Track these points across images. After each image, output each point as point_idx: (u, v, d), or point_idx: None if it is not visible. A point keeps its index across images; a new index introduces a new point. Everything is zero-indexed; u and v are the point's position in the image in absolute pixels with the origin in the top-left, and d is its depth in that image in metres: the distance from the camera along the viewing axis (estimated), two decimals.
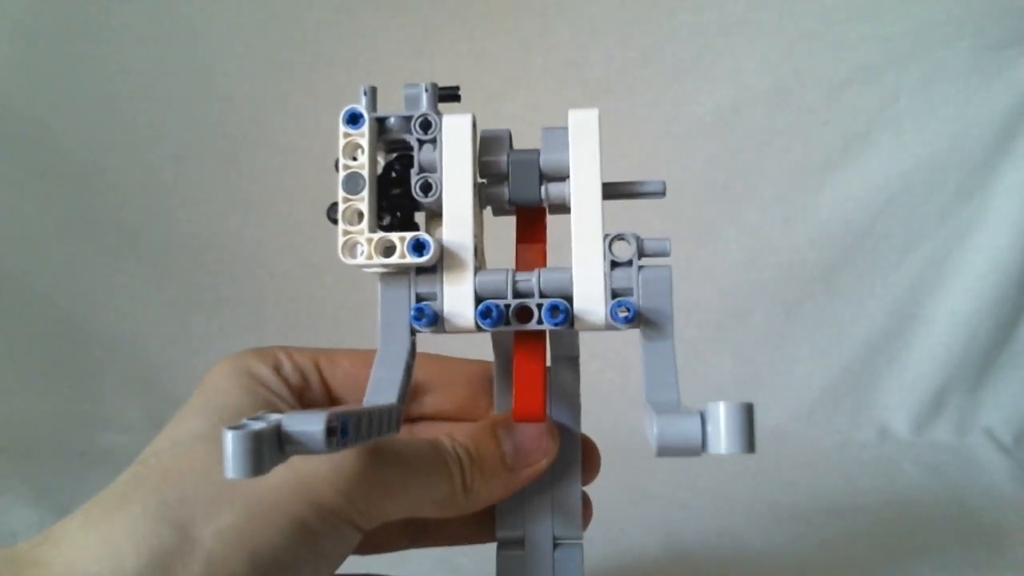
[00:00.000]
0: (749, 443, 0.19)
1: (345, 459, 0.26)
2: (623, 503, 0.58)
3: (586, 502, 0.34)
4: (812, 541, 0.54)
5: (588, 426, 0.34)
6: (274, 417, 0.20)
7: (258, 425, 0.19)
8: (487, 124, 0.31)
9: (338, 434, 0.21)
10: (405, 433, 0.34)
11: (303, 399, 0.32)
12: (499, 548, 0.33)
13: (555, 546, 0.33)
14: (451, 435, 0.30)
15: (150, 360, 0.78)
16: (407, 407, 0.34)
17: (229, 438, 0.19)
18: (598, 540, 0.35)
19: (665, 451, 0.20)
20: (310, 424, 0.20)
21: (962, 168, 0.76)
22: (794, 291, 0.79)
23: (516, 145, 0.31)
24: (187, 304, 0.79)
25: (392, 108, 0.30)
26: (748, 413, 0.19)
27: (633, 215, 0.78)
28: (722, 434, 0.19)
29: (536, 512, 0.33)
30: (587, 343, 0.33)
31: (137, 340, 0.78)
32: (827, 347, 0.79)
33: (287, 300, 0.79)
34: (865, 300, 0.78)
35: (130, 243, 0.78)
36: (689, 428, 0.20)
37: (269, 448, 0.19)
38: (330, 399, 0.33)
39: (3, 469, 0.64)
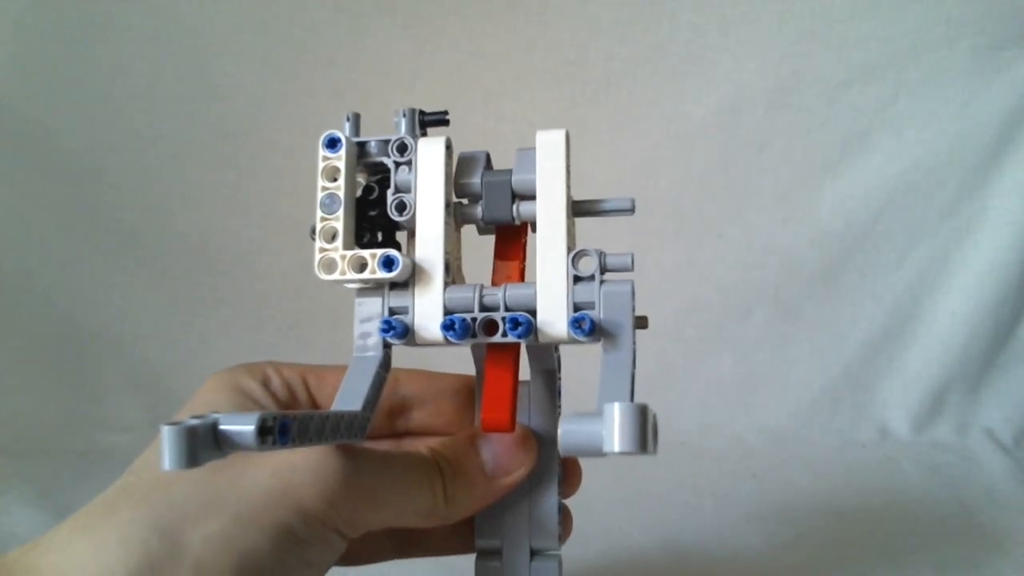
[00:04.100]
0: (641, 443, 0.19)
1: (329, 467, 0.27)
2: (623, 502, 0.58)
3: (566, 514, 0.34)
4: (812, 541, 0.54)
5: (573, 392, 0.34)
6: (213, 415, 0.21)
7: (194, 422, 0.20)
8: (487, 123, 0.32)
9: (275, 434, 0.21)
10: (392, 447, 0.35)
11: None
12: (477, 558, 0.34)
13: (532, 556, 0.33)
14: (430, 446, 0.31)
15: (150, 360, 0.78)
16: (394, 422, 0.35)
17: (165, 432, 0.20)
18: (598, 540, 0.35)
19: (568, 451, 0.20)
20: (243, 423, 0.20)
21: (962, 168, 0.76)
22: (794, 291, 0.79)
23: (514, 148, 0.31)
24: (187, 304, 0.79)
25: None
26: (641, 414, 0.19)
27: (633, 217, 0.77)
28: (615, 434, 0.19)
29: (514, 523, 0.33)
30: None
31: (137, 340, 0.78)
32: (827, 347, 0.79)
33: (287, 300, 0.79)
34: (865, 300, 0.78)
35: (130, 243, 0.78)
36: (590, 430, 0.20)
37: (204, 444, 0.20)
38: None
39: (3, 469, 0.64)
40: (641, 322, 0.29)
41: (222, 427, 0.20)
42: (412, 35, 0.77)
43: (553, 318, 0.28)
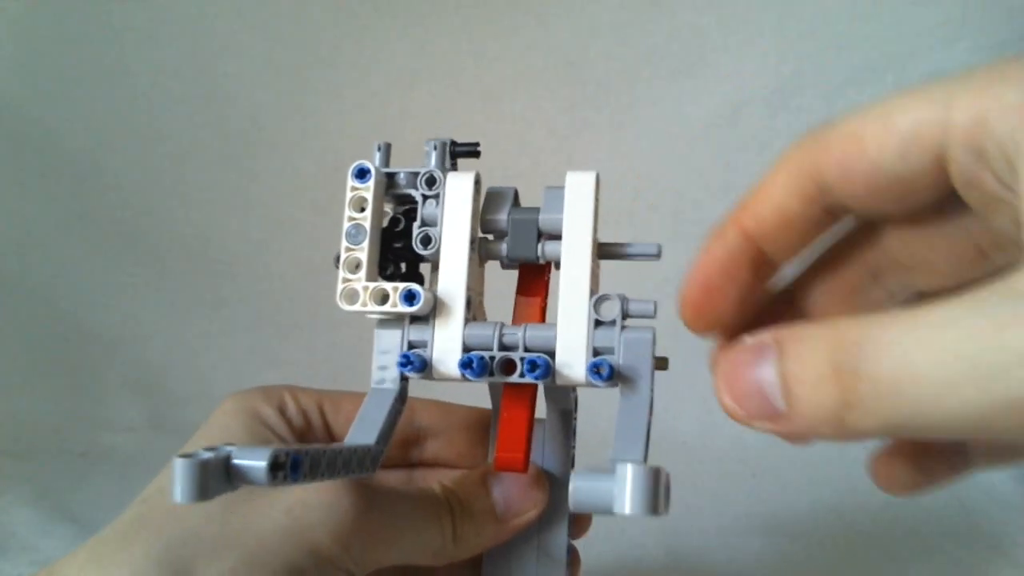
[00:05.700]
0: (652, 507, 0.19)
1: (342, 507, 0.27)
2: None
3: (575, 556, 0.34)
4: (812, 541, 0.54)
5: (589, 430, 0.34)
6: (226, 448, 0.21)
7: (207, 455, 0.20)
8: (487, 124, 0.31)
9: (286, 469, 0.21)
10: (403, 479, 0.35)
11: (305, 441, 0.32)
12: None
13: None
14: (442, 484, 0.31)
15: (150, 360, 0.78)
16: (407, 453, 0.35)
17: (177, 465, 0.20)
18: (598, 540, 0.35)
19: (579, 507, 0.20)
20: (255, 458, 0.21)
21: None
22: None
23: (516, 146, 0.31)
24: (187, 304, 0.79)
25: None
26: (653, 477, 0.19)
27: (633, 218, 0.78)
28: (627, 496, 0.19)
29: (522, 562, 0.33)
30: None
31: (137, 340, 0.78)
32: None
33: (287, 301, 0.79)
34: None
35: (130, 243, 0.78)
36: (602, 488, 0.20)
37: (215, 478, 0.20)
38: (331, 442, 0.33)
39: (3, 469, 0.64)
40: (661, 363, 0.29)
41: (235, 461, 0.21)
42: (412, 35, 0.77)
43: (572, 361, 0.28)
